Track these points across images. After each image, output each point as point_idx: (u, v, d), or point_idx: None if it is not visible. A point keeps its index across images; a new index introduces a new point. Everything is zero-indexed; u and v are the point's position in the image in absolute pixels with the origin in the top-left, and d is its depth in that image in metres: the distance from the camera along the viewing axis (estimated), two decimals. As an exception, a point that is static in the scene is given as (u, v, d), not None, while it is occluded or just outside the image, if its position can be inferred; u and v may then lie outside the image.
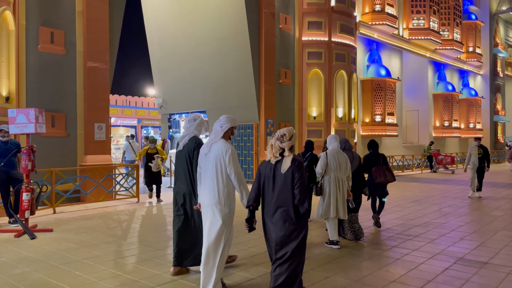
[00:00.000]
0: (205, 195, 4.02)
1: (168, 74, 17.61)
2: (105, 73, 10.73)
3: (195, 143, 4.54)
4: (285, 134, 3.64)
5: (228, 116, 4.23)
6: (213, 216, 3.96)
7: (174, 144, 18.05)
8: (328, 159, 5.93)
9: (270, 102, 14.57)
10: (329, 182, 5.94)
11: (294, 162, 3.56)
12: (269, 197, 3.64)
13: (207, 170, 4.01)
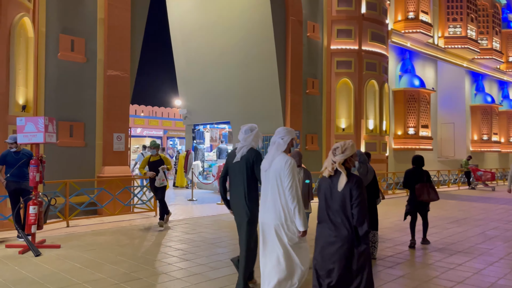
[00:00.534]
0: (267, 214, 3.78)
1: (192, 85, 17.32)
2: (126, 82, 10.44)
3: (254, 154, 4.37)
4: (337, 147, 3.39)
5: (286, 128, 4.01)
6: (277, 238, 3.70)
7: (199, 155, 17.66)
8: None
9: (297, 113, 13.95)
10: None
11: (352, 179, 3.28)
12: (327, 216, 3.39)
13: (268, 187, 3.80)
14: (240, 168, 4.39)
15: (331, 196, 3.35)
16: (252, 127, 4.48)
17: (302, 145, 14.29)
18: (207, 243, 7.09)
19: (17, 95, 8.35)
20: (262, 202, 3.88)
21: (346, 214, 3.27)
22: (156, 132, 24.57)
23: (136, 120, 23.31)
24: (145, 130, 24.05)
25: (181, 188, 17.39)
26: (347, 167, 3.39)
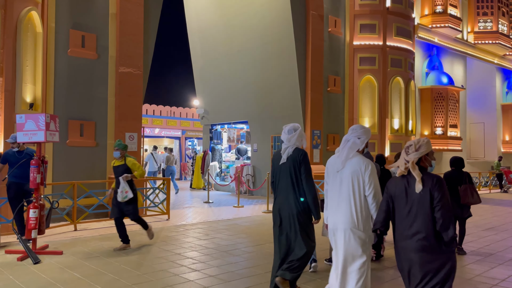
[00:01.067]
0: (338, 217, 3.54)
1: (209, 83, 16.87)
2: (139, 79, 10.03)
3: (301, 154, 4.15)
4: (411, 144, 3.12)
5: (363, 126, 3.73)
6: (349, 243, 3.48)
7: (216, 156, 17.19)
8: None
9: (317, 111, 13.29)
10: None
11: (432, 179, 2.98)
12: (402, 221, 3.09)
13: (341, 189, 3.56)
14: (287, 170, 4.15)
15: (406, 198, 3.06)
16: (295, 126, 4.27)
17: (323, 146, 13.62)
18: (220, 250, 6.55)
19: (25, 92, 8.02)
20: (331, 205, 3.64)
21: (426, 217, 2.97)
22: (174, 132, 24.22)
23: (154, 120, 23.01)
24: (163, 131, 23.72)
25: (198, 189, 16.96)
26: (423, 167, 3.08)
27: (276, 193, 4.27)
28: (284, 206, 4.14)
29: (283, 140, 4.28)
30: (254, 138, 14.99)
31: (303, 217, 4.08)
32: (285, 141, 4.26)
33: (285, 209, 4.12)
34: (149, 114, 23.12)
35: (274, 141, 13.94)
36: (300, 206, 4.09)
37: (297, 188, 4.11)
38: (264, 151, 14.43)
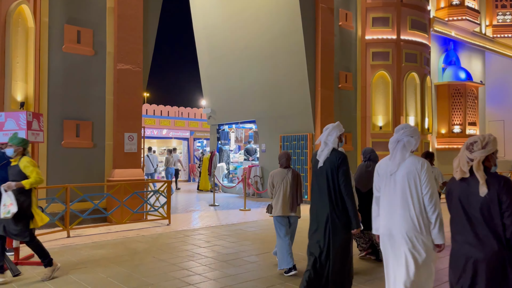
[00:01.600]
0: (394, 223, 3.24)
1: (216, 82, 16.33)
2: (138, 76, 9.52)
3: (339, 156, 3.91)
4: (475, 141, 2.73)
5: (411, 125, 3.42)
6: (413, 250, 3.15)
7: (224, 157, 16.64)
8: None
9: (328, 109, 12.64)
10: None
11: (499, 180, 2.57)
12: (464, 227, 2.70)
13: (395, 193, 3.27)
14: (324, 174, 3.93)
15: (468, 202, 2.68)
16: (333, 126, 4.03)
17: (335, 145, 12.95)
18: (220, 260, 5.97)
19: (15, 91, 7.55)
20: (385, 210, 3.34)
21: (492, 224, 2.56)
22: (182, 133, 23.76)
23: (161, 121, 22.58)
24: (171, 131, 23.27)
25: (205, 192, 16.43)
26: (487, 166, 2.67)
27: (314, 197, 4.06)
28: (320, 212, 3.94)
29: (320, 141, 4.06)
30: (262, 138, 14.40)
31: (340, 226, 3.85)
32: (322, 142, 4.04)
33: (321, 215, 3.92)
34: (156, 115, 22.71)
35: (283, 141, 13.34)
36: (337, 214, 3.86)
37: (334, 194, 3.88)
38: (273, 152, 13.83)
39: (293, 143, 13.02)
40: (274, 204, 5.33)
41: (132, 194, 8.42)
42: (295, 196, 5.31)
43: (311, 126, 12.53)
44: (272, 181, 5.40)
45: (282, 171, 5.39)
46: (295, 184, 5.35)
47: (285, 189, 5.27)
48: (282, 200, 5.23)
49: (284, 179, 5.32)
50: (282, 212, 5.23)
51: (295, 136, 12.94)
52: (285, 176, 5.35)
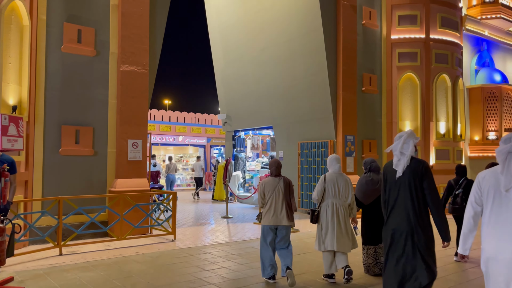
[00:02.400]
0: (503, 247, 2.81)
1: (231, 86, 15.58)
2: (144, 78, 8.82)
3: (422, 166, 3.62)
4: None
5: None
6: None
7: (239, 165, 15.81)
8: (326, 183, 5.34)
9: (351, 114, 11.66)
10: (326, 210, 5.31)
11: None
12: None
13: (508, 211, 2.85)
14: (407, 183, 3.60)
15: None
16: (407, 134, 3.74)
17: (358, 153, 11.96)
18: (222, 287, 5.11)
19: (6, 93, 6.93)
20: (494, 230, 2.91)
21: None
22: (199, 140, 23.11)
23: (177, 127, 22.00)
24: (188, 138, 22.66)
25: (220, 201, 15.61)
26: None
27: (390, 211, 3.67)
28: (401, 227, 3.55)
29: (395, 149, 3.73)
30: (280, 145, 13.52)
31: (426, 239, 3.50)
32: (396, 150, 3.72)
33: (402, 230, 3.54)
34: (172, 121, 22.13)
35: (302, 148, 12.42)
36: (422, 227, 3.52)
37: (418, 206, 3.53)
38: (291, 160, 12.92)
39: (312, 150, 12.09)
40: (265, 212, 5.26)
41: (133, 206, 7.65)
42: (289, 205, 5.28)
43: (332, 132, 11.58)
44: (263, 190, 5.34)
45: (274, 180, 5.35)
46: (288, 193, 5.33)
47: (277, 198, 5.23)
48: (274, 209, 5.20)
49: (276, 188, 5.27)
50: (273, 221, 5.19)
51: (315, 143, 12.00)
52: (277, 185, 5.30)
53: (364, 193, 5.60)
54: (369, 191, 5.56)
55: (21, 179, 7.25)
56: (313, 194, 5.42)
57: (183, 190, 22.07)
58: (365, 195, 5.59)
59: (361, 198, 5.61)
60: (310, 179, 12.14)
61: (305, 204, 12.26)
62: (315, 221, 5.34)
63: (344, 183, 5.32)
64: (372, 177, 5.57)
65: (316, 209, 5.36)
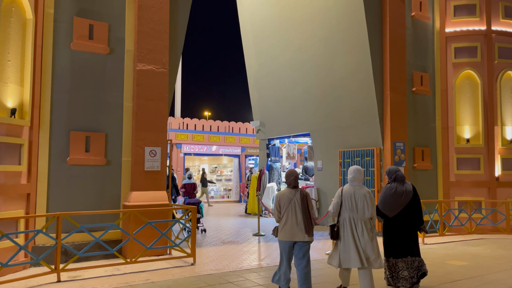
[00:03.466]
0: None
1: (265, 91, 14.46)
2: (163, 78, 7.86)
3: None
4: None
5: None
6: None
7: (274, 176, 14.57)
8: (343, 197, 5.02)
9: (400, 118, 10.18)
10: (343, 225, 4.97)
11: None
12: None
13: None
14: None
15: None
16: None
17: (409, 163, 10.42)
18: (245, 338, 3.87)
19: (4, 94, 6.13)
20: None
21: None
22: (233, 150, 22.13)
23: (211, 136, 21.14)
24: (221, 148, 21.73)
25: (253, 215, 14.40)
26: None
27: None
28: None
29: None
30: (318, 154, 12.18)
31: None
32: None
33: None
34: (205, 130, 21.29)
35: (343, 157, 11.03)
36: None
37: None
38: (331, 170, 11.55)
39: (355, 159, 10.68)
40: (281, 227, 4.93)
41: (145, 224, 6.60)
42: (307, 218, 4.90)
43: (379, 138, 10.13)
44: (278, 203, 5.01)
45: (290, 192, 5.02)
46: (306, 206, 4.94)
47: (293, 211, 4.89)
48: (290, 223, 4.86)
49: (292, 201, 4.94)
50: (289, 236, 4.85)
51: (359, 152, 10.59)
52: (293, 198, 4.96)
53: (388, 206, 5.38)
54: (393, 203, 5.35)
55: (22, 191, 6.42)
56: (330, 208, 5.18)
57: (216, 202, 21.09)
58: (390, 208, 5.38)
59: (385, 211, 5.40)
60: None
61: (347, 220, 10.82)
62: (336, 237, 5.02)
63: (362, 197, 4.99)
64: (397, 188, 5.38)
65: (336, 224, 5.06)
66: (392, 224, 5.41)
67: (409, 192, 5.41)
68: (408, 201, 5.37)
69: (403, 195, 5.35)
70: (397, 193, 5.34)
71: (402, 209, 5.34)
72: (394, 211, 5.36)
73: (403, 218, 5.36)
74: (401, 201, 5.34)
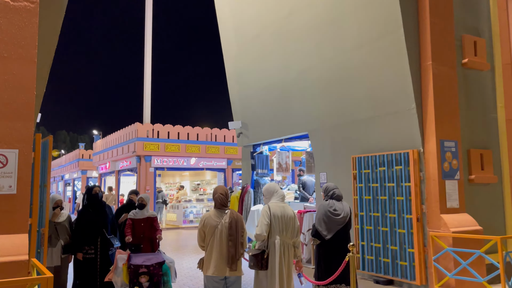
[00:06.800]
0: None
1: (248, 80, 10.80)
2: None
3: None
4: None
5: None
6: None
7: (259, 195, 10.75)
8: (272, 216, 4.27)
9: (448, 103, 6.47)
10: (271, 250, 4.27)
11: None
12: None
13: None
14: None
15: None
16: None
17: (463, 174, 6.65)
18: None
19: None
20: None
21: None
22: (217, 162, 18.37)
23: (188, 146, 17.36)
24: (202, 161, 17.96)
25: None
26: None
27: None
28: None
29: None
30: (321, 163, 8.43)
31: None
32: None
33: None
34: (181, 139, 17.55)
35: (359, 166, 7.30)
36: None
37: None
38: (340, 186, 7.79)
39: (379, 169, 6.92)
40: (206, 258, 4.09)
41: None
42: (233, 247, 4.01)
43: (416, 136, 6.41)
44: (202, 227, 4.13)
45: (216, 213, 4.16)
46: (235, 231, 4.06)
47: (219, 237, 4.03)
48: (216, 253, 4.02)
49: (219, 225, 4.07)
50: (217, 270, 4.00)
51: (384, 158, 6.85)
52: (220, 221, 4.09)
53: (327, 224, 4.91)
54: (332, 222, 4.90)
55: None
56: (257, 230, 4.23)
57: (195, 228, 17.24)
58: (328, 227, 4.91)
59: (323, 230, 4.90)
60: (376, 220, 6.93)
61: (369, 264, 7.01)
62: (266, 266, 4.18)
63: (291, 216, 4.38)
64: (335, 206, 4.97)
65: (266, 250, 4.22)
66: (328, 246, 4.90)
67: (346, 212, 5.01)
68: (345, 222, 4.96)
69: (342, 213, 4.97)
70: (337, 211, 4.96)
71: (337, 230, 4.91)
72: (331, 232, 4.91)
73: (338, 241, 4.90)
74: (339, 220, 4.95)
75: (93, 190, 5.86)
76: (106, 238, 5.58)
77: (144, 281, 4.64)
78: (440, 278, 5.97)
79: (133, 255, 4.95)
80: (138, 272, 4.68)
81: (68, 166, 30.42)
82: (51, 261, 5.26)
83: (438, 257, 5.97)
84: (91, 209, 5.69)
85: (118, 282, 4.79)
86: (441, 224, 6.08)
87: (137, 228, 5.72)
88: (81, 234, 5.47)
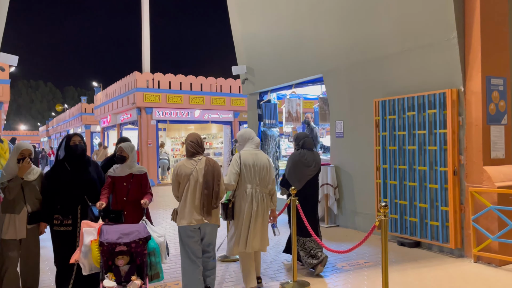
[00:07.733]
0: None
1: (253, 17, 9.49)
2: None
3: None
4: None
5: None
6: None
7: (269, 149, 9.77)
8: (242, 164, 4.06)
9: (497, 32, 5.27)
10: (241, 200, 4.09)
11: None
12: None
13: None
14: None
15: None
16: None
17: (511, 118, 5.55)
18: None
19: None
20: None
21: None
22: (223, 115, 17.30)
23: (192, 98, 16.26)
24: (207, 113, 16.93)
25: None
26: None
27: None
28: None
29: None
30: (336, 110, 7.34)
31: None
32: None
33: None
34: (184, 90, 16.41)
35: (382, 111, 6.22)
36: None
37: None
38: (360, 137, 6.78)
39: (408, 114, 5.83)
40: (180, 208, 3.76)
41: None
42: (209, 196, 3.68)
43: (457, 72, 5.27)
44: (176, 177, 3.78)
45: (190, 162, 3.78)
46: (211, 179, 3.70)
47: (194, 186, 3.70)
48: (190, 202, 3.70)
49: (194, 171, 3.71)
50: (191, 219, 3.69)
51: (414, 100, 5.73)
52: (194, 168, 3.72)
53: (297, 175, 4.77)
54: (303, 172, 4.77)
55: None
56: (225, 179, 3.98)
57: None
58: (298, 178, 4.76)
59: (294, 182, 4.74)
60: (402, 173, 5.93)
61: (393, 224, 6.10)
62: (232, 216, 4.10)
63: (264, 163, 4.17)
64: (306, 155, 4.81)
65: (231, 200, 4.11)
66: (305, 199, 4.68)
67: (318, 162, 4.88)
68: (315, 173, 4.85)
69: (314, 164, 4.81)
70: (308, 161, 4.80)
71: (309, 180, 4.80)
72: (301, 182, 4.77)
73: (309, 192, 4.82)
74: (310, 170, 4.80)
75: (71, 140, 4.11)
76: (89, 206, 3.96)
77: (121, 263, 3.31)
78: (480, 241, 5.03)
79: (105, 228, 3.41)
80: (113, 252, 3.33)
81: (72, 121, 29.70)
82: (14, 232, 3.86)
83: (478, 216, 5.00)
84: (69, 166, 4.06)
85: (86, 266, 3.36)
86: (483, 177, 5.06)
87: (118, 188, 4.18)
88: (50, 198, 3.96)
